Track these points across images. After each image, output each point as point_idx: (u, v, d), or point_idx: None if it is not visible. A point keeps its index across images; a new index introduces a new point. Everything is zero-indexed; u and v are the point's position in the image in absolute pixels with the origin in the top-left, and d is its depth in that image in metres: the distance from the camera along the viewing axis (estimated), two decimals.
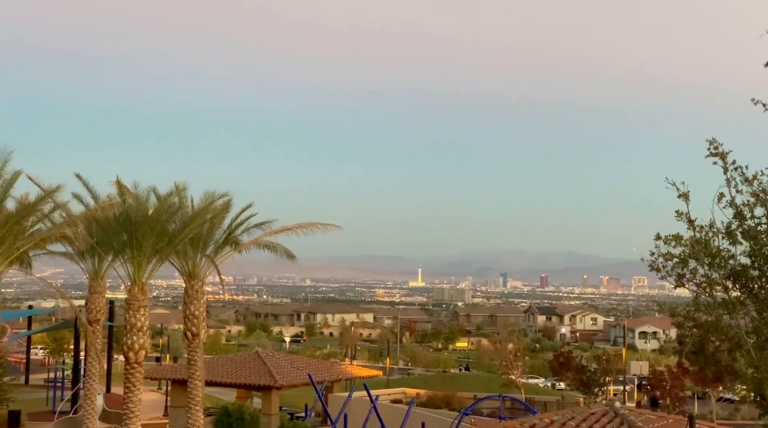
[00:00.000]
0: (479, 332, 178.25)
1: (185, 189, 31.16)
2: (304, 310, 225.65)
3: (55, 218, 27.49)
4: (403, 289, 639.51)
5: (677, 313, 17.48)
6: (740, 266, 16.41)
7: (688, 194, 16.74)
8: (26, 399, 54.91)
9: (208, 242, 31.93)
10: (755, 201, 16.07)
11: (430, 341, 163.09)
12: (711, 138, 16.64)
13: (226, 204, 31.60)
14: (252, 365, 51.04)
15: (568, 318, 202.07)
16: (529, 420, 22.08)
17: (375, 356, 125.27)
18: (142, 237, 27.73)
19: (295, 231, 32.39)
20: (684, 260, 16.63)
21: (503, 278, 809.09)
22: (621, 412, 22.11)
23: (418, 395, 52.94)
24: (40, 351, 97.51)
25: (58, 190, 26.12)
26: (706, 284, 16.68)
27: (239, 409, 42.36)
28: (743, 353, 16.16)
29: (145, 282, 28.71)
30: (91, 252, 31.56)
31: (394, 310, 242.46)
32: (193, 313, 31.92)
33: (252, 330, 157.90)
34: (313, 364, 56.12)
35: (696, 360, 18.53)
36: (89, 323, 32.54)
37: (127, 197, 29.21)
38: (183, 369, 42.93)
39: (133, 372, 28.59)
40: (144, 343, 28.65)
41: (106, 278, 33.84)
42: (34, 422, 49.37)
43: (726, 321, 16.72)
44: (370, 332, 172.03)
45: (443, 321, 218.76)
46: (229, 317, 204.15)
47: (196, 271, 31.78)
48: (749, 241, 16.21)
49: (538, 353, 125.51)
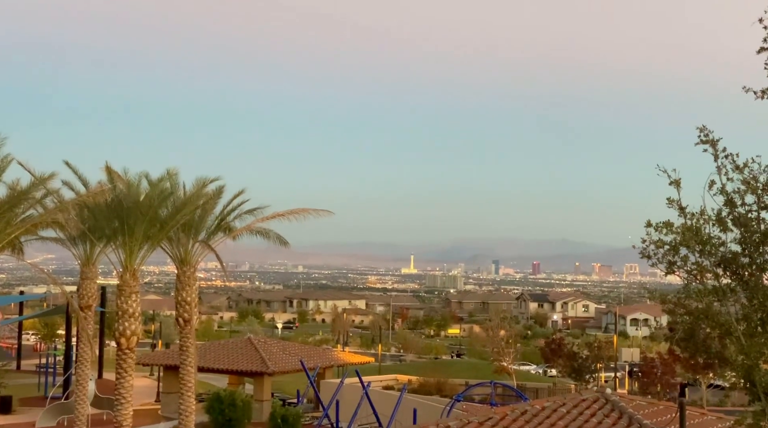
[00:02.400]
0: (471, 319, 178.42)
1: (177, 175, 31.08)
2: (297, 296, 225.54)
3: (47, 204, 27.43)
4: (395, 276, 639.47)
5: (668, 300, 17.51)
6: (731, 254, 16.43)
7: (680, 181, 16.72)
8: (18, 384, 54.88)
9: (200, 228, 31.87)
10: (746, 188, 16.08)
11: (422, 327, 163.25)
12: (701, 125, 16.66)
13: (218, 190, 31.53)
14: (244, 351, 51.11)
15: (560, 305, 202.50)
16: (521, 407, 22.14)
17: (367, 342, 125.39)
18: (134, 223, 27.67)
19: (288, 217, 32.34)
20: (675, 248, 16.63)
21: (495, 265, 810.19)
22: (612, 398, 22.21)
23: (410, 381, 53.08)
24: (31, 337, 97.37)
25: (51, 177, 26.05)
26: (696, 271, 16.69)
27: (231, 395, 42.41)
28: (733, 340, 16.21)
29: (136, 268, 28.66)
30: (83, 238, 31.50)
31: (387, 297, 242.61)
32: (185, 299, 31.91)
33: (244, 317, 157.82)
34: (305, 350, 56.22)
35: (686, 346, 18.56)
36: (81, 309, 32.52)
37: (118, 182, 29.13)
38: (175, 355, 42.98)
39: (124, 358, 28.58)
40: (136, 329, 28.63)
41: (97, 264, 33.80)
42: (26, 407, 49.36)
43: (716, 308, 16.75)
44: (363, 318, 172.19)
45: (435, 308, 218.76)
46: (221, 303, 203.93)
47: (188, 257, 31.74)
48: (740, 228, 16.23)
49: (529, 340, 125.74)
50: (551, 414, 21.20)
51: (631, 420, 20.57)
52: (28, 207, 25.99)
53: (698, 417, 23.77)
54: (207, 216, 31.89)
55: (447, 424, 20.77)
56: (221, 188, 31.70)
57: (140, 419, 40.97)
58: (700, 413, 25.12)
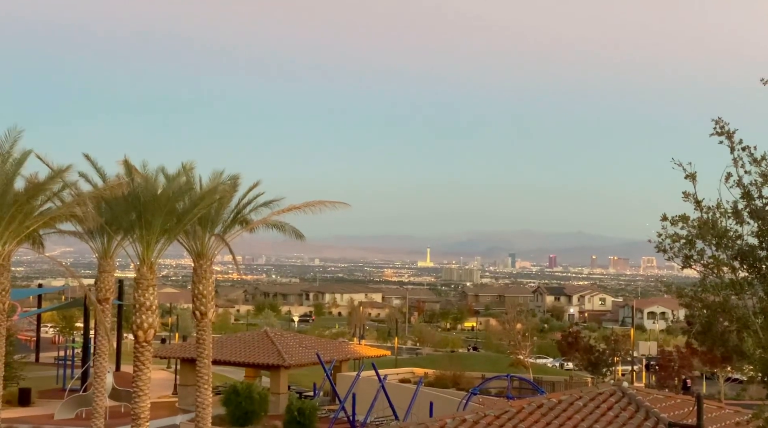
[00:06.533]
0: (487, 312, 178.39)
1: (193, 169, 31.14)
2: (313, 290, 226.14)
3: (65, 197, 27.56)
4: (411, 269, 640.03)
5: (684, 294, 17.44)
6: (748, 247, 16.35)
7: (695, 174, 16.64)
8: (36, 376, 55.29)
9: (216, 221, 31.92)
10: (763, 181, 15.99)
11: (439, 321, 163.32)
12: (717, 117, 16.56)
13: (233, 183, 31.58)
14: (261, 344, 51.30)
15: (577, 299, 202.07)
16: (537, 400, 22.13)
17: (383, 336, 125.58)
18: (151, 216, 27.74)
19: (303, 210, 32.32)
20: (691, 241, 16.57)
21: (512, 259, 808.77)
22: (628, 392, 22.17)
23: (427, 375, 53.17)
24: (50, 330, 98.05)
25: (68, 170, 26.17)
26: (713, 264, 16.62)
27: (248, 388, 42.61)
28: (751, 333, 16.15)
29: (154, 262, 28.73)
30: (101, 231, 31.57)
31: (403, 290, 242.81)
32: (201, 292, 32.00)
33: (261, 310, 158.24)
34: (321, 344, 56.39)
35: (704, 340, 18.51)
36: (98, 302, 32.65)
37: (136, 176, 29.23)
38: (192, 347, 43.17)
39: (142, 351, 28.69)
40: (153, 322, 28.71)
41: (115, 257, 33.88)
42: (45, 399, 49.73)
43: (733, 301, 16.68)
44: (379, 312, 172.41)
45: (451, 301, 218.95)
46: (237, 296, 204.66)
47: (205, 250, 31.82)
48: (757, 221, 16.14)
49: (546, 333, 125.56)
50: (568, 407, 21.18)
51: (648, 414, 20.53)
52: (46, 200, 26.13)
53: (716, 410, 23.69)
54: (223, 209, 31.93)
55: (463, 417, 20.78)
56: (237, 181, 31.75)
57: (158, 411, 41.20)
58: (717, 406, 25.04)
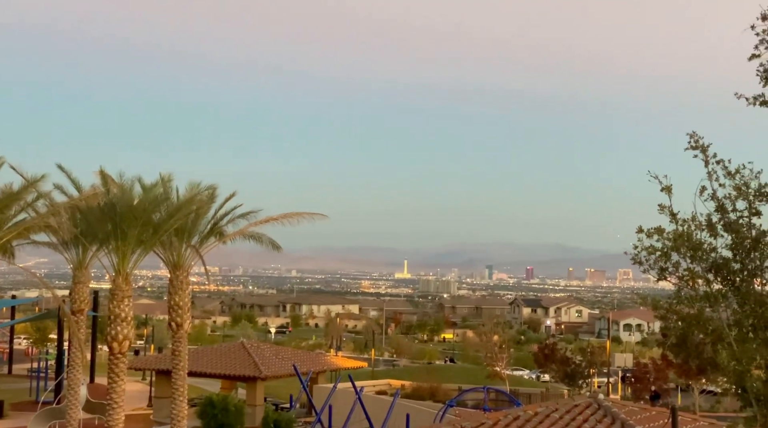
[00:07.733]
0: (464, 324, 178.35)
1: (170, 180, 31.04)
2: (290, 301, 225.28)
3: (39, 208, 27.33)
4: (389, 280, 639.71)
5: (659, 306, 17.55)
6: (722, 259, 16.49)
7: (671, 187, 16.78)
8: (9, 389, 54.74)
9: (193, 232, 31.83)
10: (737, 194, 16.15)
11: (416, 332, 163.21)
12: (691, 131, 16.76)
13: (211, 194, 31.49)
14: (237, 356, 51.04)
15: (554, 311, 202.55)
16: (513, 412, 22.13)
17: (360, 347, 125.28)
18: (127, 227, 27.60)
19: (281, 221, 32.29)
20: (666, 253, 16.69)
21: (489, 270, 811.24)
22: (604, 404, 22.22)
23: (403, 386, 53.13)
24: (23, 341, 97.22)
25: (42, 179, 25.96)
26: (688, 277, 16.74)
27: (224, 400, 42.36)
28: (725, 345, 16.25)
29: (129, 273, 28.59)
30: (75, 242, 31.37)
31: (380, 301, 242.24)
32: (177, 303, 31.86)
33: (237, 321, 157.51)
34: (298, 355, 56.19)
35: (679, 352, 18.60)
36: (73, 313, 32.41)
37: (112, 186, 29.07)
38: (167, 359, 42.87)
39: (116, 363, 28.50)
40: (128, 333, 28.54)
41: (90, 268, 33.67)
42: (17, 412, 49.16)
43: (708, 313, 16.79)
44: (356, 323, 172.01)
45: (429, 313, 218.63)
46: (214, 307, 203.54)
47: (181, 262, 31.70)
48: (731, 234, 16.29)
49: (523, 345, 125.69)
50: (544, 419, 21.20)
51: (624, 426, 20.57)
52: (20, 210, 25.91)
53: (690, 422, 23.78)
54: (200, 220, 31.85)
55: None
56: (214, 193, 31.66)
57: (132, 424, 40.87)
58: (692, 418, 25.15)
